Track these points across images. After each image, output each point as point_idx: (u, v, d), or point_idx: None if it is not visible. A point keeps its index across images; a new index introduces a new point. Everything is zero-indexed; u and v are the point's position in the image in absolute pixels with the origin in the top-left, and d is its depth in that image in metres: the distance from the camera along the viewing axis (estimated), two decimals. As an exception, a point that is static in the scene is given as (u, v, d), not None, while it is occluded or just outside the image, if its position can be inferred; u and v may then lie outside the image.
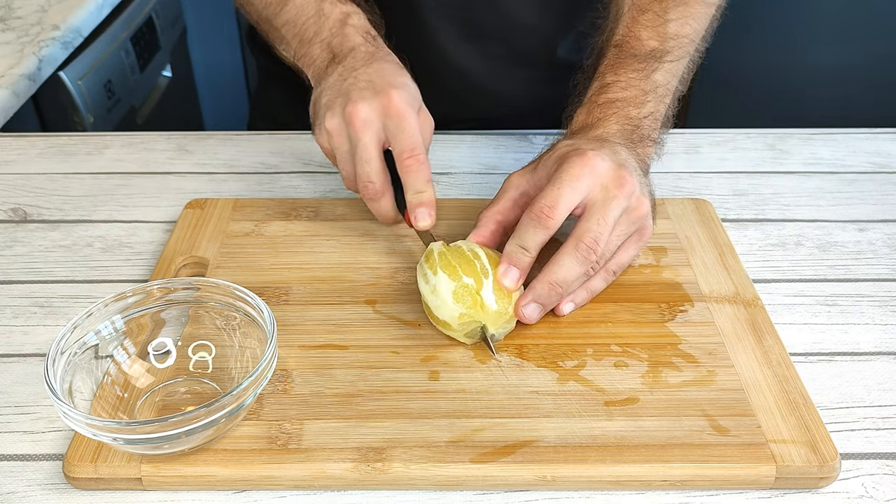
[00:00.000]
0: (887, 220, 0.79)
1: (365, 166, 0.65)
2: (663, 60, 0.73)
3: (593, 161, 0.61)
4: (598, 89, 0.72)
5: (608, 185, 0.61)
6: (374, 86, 0.66)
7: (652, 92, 0.71)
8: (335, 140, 0.67)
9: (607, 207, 0.61)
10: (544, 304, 0.62)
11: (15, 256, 0.74)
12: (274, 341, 0.54)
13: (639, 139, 0.69)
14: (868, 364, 0.63)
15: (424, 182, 0.65)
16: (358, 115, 0.64)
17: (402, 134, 0.64)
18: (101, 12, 1.31)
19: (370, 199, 0.67)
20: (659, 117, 0.71)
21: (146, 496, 0.53)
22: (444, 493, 0.54)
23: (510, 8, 0.88)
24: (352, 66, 0.68)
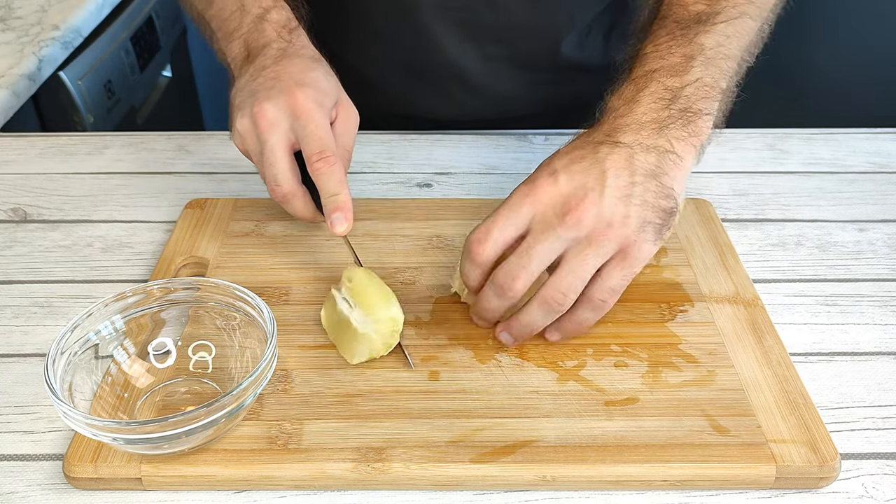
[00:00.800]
0: (887, 220, 0.79)
1: (270, 169, 0.63)
2: (712, 23, 0.65)
3: (539, 189, 0.57)
4: (636, 62, 0.65)
5: (549, 215, 0.56)
6: (280, 84, 0.63)
7: (699, 55, 0.63)
8: (247, 142, 0.64)
9: (536, 241, 0.56)
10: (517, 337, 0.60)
11: (15, 256, 0.74)
12: (274, 341, 0.54)
13: (677, 115, 0.60)
14: (868, 364, 0.63)
15: (337, 184, 0.62)
16: (264, 116, 0.62)
17: (309, 136, 0.62)
18: (101, 12, 1.31)
19: (280, 201, 0.65)
20: (710, 83, 0.62)
21: (146, 496, 0.53)
22: (444, 493, 0.54)
23: (511, 8, 0.88)
24: (262, 64, 0.66)
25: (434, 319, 0.64)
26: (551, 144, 0.90)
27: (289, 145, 0.64)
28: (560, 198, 0.56)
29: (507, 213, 0.57)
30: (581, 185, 0.56)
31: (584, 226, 0.56)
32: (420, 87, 0.94)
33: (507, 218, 0.57)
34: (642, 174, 0.58)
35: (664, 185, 0.58)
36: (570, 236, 0.56)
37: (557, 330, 0.61)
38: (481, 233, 0.58)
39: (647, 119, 0.60)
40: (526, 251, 0.56)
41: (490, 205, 0.77)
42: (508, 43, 0.91)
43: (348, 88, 0.70)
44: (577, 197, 0.56)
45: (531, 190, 0.57)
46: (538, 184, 0.57)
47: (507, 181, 0.84)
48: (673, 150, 0.59)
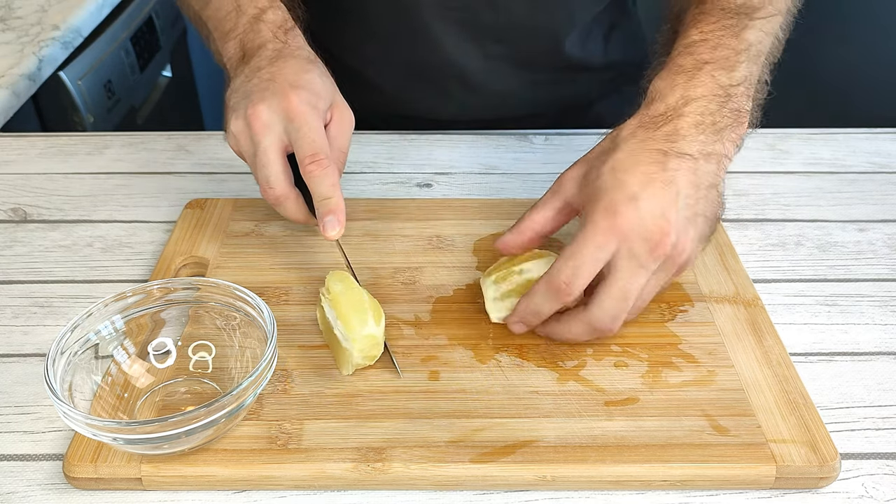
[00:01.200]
0: (887, 220, 0.79)
1: (263, 170, 0.63)
2: (755, 17, 0.65)
3: (622, 220, 0.55)
4: (683, 48, 0.63)
5: (636, 248, 0.55)
6: (275, 86, 0.63)
7: (745, 52, 0.62)
8: (241, 143, 0.64)
9: (630, 281, 0.56)
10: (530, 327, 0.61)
11: (15, 256, 0.74)
12: (274, 341, 0.54)
13: (730, 115, 0.60)
14: (868, 364, 0.63)
15: (330, 187, 0.61)
16: (257, 118, 0.62)
17: (302, 139, 0.62)
18: (101, 12, 1.31)
19: (272, 203, 0.65)
20: (754, 82, 0.63)
21: (146, 496, 0.53)
22: (444, 493, 0.54)
23: (511, 8, 0.88)
24: (257, 65, 0.66)
25: (434, 319, 0.64)
26: (551, 144, 0.90)
27: (282, 147, 0.63)
28: (645, 230, 0.55)
29: (594, 250, 0.56)
30: (661, 214, 0.56)
31: (666, 255, 0.56)
32: (419, 87, 0.94)
33: (595, 255, 0.56)
34: (706, 187, 0.58)
35: (720, 193, 0.60)
36: (654, 266, 0.56)
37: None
38: (567, 277, 0.56)
39: (706, 122, 0.59)
40: (623, 293, 0.56)
41: (490, 204, 0.77)
42: (508, 42, 0.91)
43: (347, 89, 0.70)
44: (661, 229, 0.56)
45: (615, 222, 0.56)
46: (620, 212, 0.56)
47: (507, 181, 0.84)
48: (727, 153, 0.60)
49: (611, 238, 0.56)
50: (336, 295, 0.59)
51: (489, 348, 0.62)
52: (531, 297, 0.59)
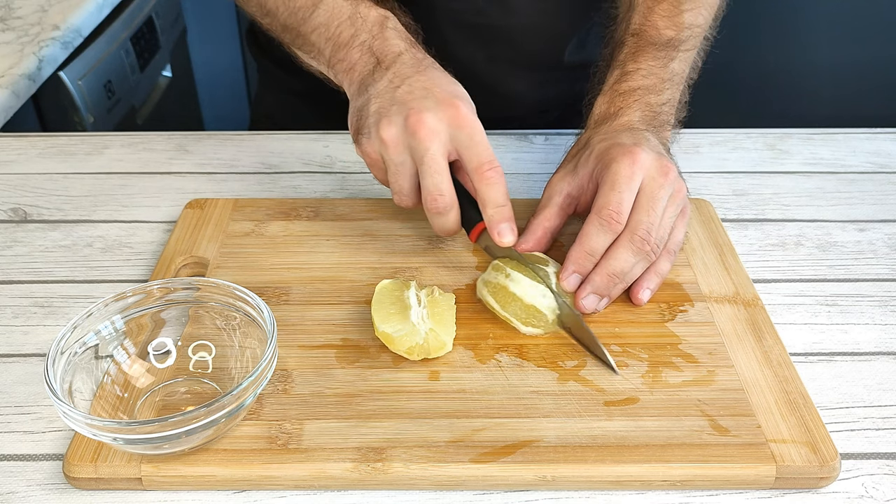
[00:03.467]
0: (887, 220, 0.79)
1: (435, 177, 0.62)
2: (679, 49, 0.75)
3: (640, 157, 0.63)
4: (618, 77, 0.73)
5: (654, 175, 0.63)
6: (435, 95, 0.63)
7: (669, 80, 0.73)
8: (391, 151, 0.63)
9: (655, 197, 0.63)
10: (602, 293, 0.64)
11: (15, 256, 0.74)
12: (274, 341, 0.54)
13: (659, 125, 0.71)
14: (868, 364, 0.63)
15: (504, 196, 0.63)
16: (424, 125, 0.61)
17: (477, 146, 0.62)
18: (101, 12, 1.31)
19: (438, 212, 0.64)
20: (675, 104, 0.75)
21: (146, 496, 0.53)
22: (444, 493, 0.54)
23: (518, 10, 0.88)
24: (402, 73, 0.65)
25: (434, 319, 0.64)
26: (551, 144, 0.90)
27: (447, 157, 0.63)
28: (656, 162, 0.64)
29: (627, 184, 0.62)
30: (658, 154, 0.65)
31: (673, 184, 0.64)
32: None
33: (629, 188, 0.62)
34: (667, 151, 0.69)
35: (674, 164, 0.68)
36: (668, 192, 0.64)
37: (648, 287, 0.65)
38: (615, 206, 0.62)
39: (643, 125, 0.71)
40: (653, 209, 0.63)
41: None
42: (513, 44, 0.91)
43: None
44: (663, 161, 0.64)
45: (634, 159, 0.63)
46: (636, 153, 0.63)
47: (508, 181, 0.84)
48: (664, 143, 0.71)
49: (637, 170, 0.63)
50: (443, 302, 0.64)
51: (489, 348, 0.62)
52: (583, 240, 0.63)
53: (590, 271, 0.63)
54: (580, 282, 0.64)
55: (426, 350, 0.60)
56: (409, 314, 0.61)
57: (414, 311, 0.61)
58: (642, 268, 0.64)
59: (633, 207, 0.63)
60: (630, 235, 0.62)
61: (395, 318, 0.60)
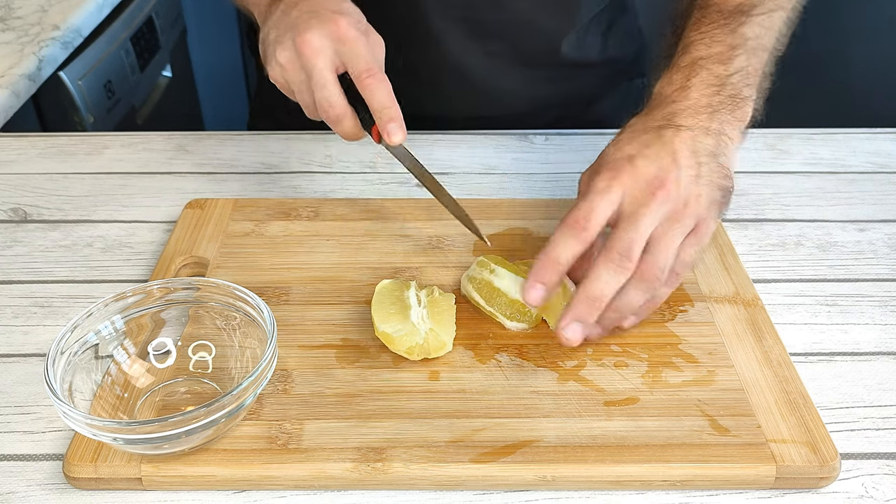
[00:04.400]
0: (887, 220, 0.79)
1: (322, 91, 0.65)
2: (752, 14, 0.68)
3: (622, 173, 0.59)
4: (682, 50, 0.67)
5: (638, 195, 0.58)
6: (319, 15, 0.66)
7: (741, 46, 0.66)
8: (289, 73, 0.67)
9: (638, 216, 0.58)
10: (584, 321, 0.57)
11: (15, 256, 0.74)
12: (274, 341, 0.54)
13: (727, 101, 0.63)
14: (868, 364, 0.63)
15: (388, 96, 0.65)
16: (308, 44, 0.65)
17: (357, 57, 0.65)
18: (101, 12, 1.31)
19: (331, 121, 0.67)
20: (752, 72, 0.66)
21: (146, 496, 0.53)
22: (444, 493, 0.54)
23: (514, 7, 0.88)
24: (292, 1, 0.69)
25: (434, 319, 0.64)
26: (551, 144, 0.90)
27: (335, 70, 0.66)
28: (644, 179, 0.59)
29: (602, 197, 0.58)
30: (660, 167, 0.59)
31: (671, 202, 0.58)
32: (420, 85, 0.94)
33: (603, 200, 0.58)
34: (706, 155, 0.61)
35: (723, 166, 0.62)
36: (662, 211, 0.58)
37: (635, 314, 0.62)
38: (582, 213, 0.58)
39: (701, 104, 0.63)
40: (634, 225, 0.58)
41: (490, 204, 0.77)
42: (509, 40, 0.91)
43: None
44: (660, 177, 0.58)
45: (616, 174, 0.59)
46: (619, 168, 0.59)
47: (508, 181, 0.84)
48: (725, 132, 0.63)
49: (615, 185, 0.59)
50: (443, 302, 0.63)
51: (489, 348, 0.62)
52: (548, 247, 0.58)
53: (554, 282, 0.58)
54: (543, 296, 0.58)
55: (426, 350, 0.60)
56: (409, 314, 0.61)
57: (414, 311, 0.61)
58: (641, 297, 0.58)
59: (614, 227, 0.58)
60: (608, 253, 0.57)
61: (395, 318, 0.60)
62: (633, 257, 0.57)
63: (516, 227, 0.75)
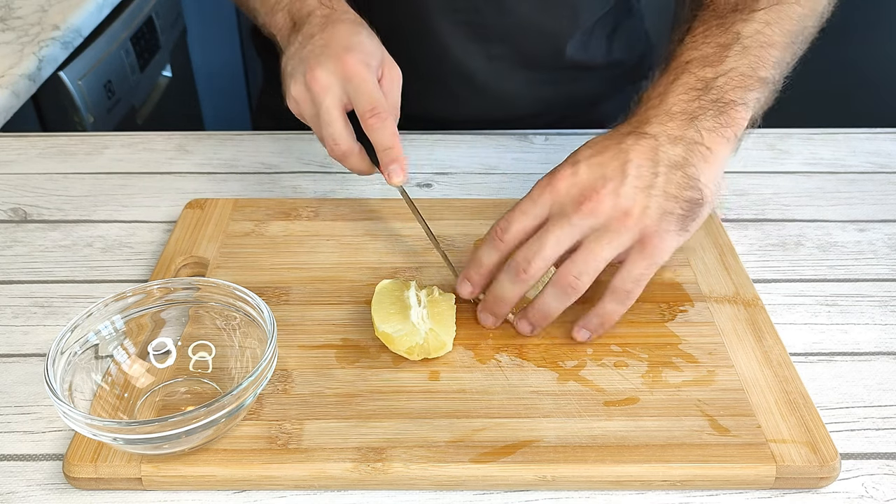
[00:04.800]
0: (887, 220, 0.79)
1: (328, 128, 0.66)
2: (751, 10, 0.65)
3: (556, 182, 0.58)
4: (672, 54, 0.65)
5: (565, 204, 0.58)
6: (329, 50, 0.66)
7: (734, 45, 0.63)
8: (301, 107, 0.68)
9: (552, 225, 0.58)
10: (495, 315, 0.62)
11: (15, 256, 0.74)
12: (274, 341, 0.54)
13: (709, 105, 0.60)
14: (868, 364, 0.63)
15: (390, 137, 0.65)
16: (317, 81, 0.65)
17: (361, 95, 0.65)
18: (101, 12, 1.31)
19: (339, 158, 0.68)
20: (746, 72, 0.62)
21: (146, 496, 0.53)
22: (444, 493, 0.54)
23: (517, 9, 0.88)
24: (309, 32, 0.69)
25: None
26: (551, 144, 0.90)
27: (342, 106, 0.66)
28: (577, 188, 0.58)
29: (528, 204, 0.60)
30: (601, 176, 0.58)
31: (601, 214, 0.57)
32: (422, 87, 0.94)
33: (528, 207, 0.60)
34: (666, 165, 0.58)
35: (689, 177, 0.59)
36: (585, 224, 0.57)
37: (584, 327, 0.61)
38: (502, 222, 0.60)
39: (677, 110, 0.61)
40: (540, 236, 0.58)
41: (490, 204, 0.77)
42: (513, 43, 0.91)
43: None
44: (595, 187, 0.57)
45: (550, 181, 0.59)
46: (558, 175, 0.59)
47: (508, 181, 0.84)
48: (702, 141, 0.60)
49: (544, 194, 0.59)
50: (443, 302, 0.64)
51: (489, 348, 0.62)
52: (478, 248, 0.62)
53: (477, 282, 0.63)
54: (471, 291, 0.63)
55: (426, 350, 0.60)
56: (409, 314, 0.61)
57: (414, 311, 0.61)
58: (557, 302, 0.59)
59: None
60: (510, 261, 0.60)
61: (395, 318, 0.60)
62: (529, 269, 0.58)
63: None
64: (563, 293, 0.59)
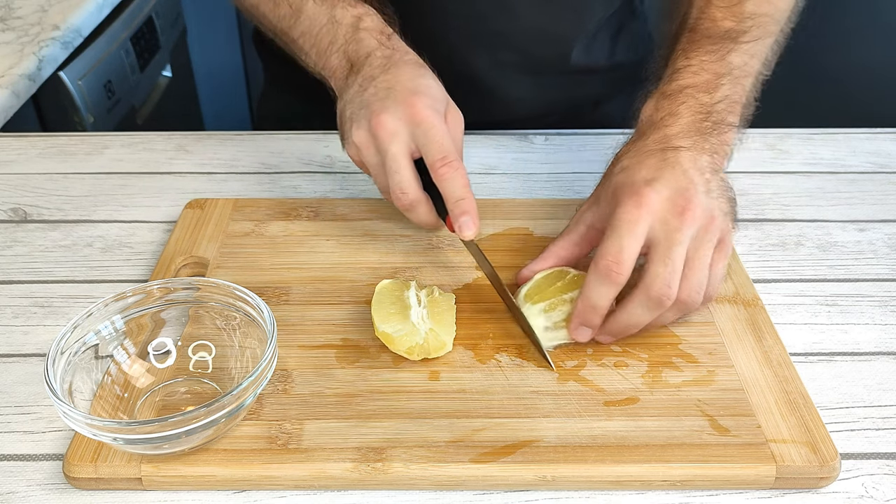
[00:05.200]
0: (887, 220, 0.79)
1: (395, 177, 0.64)
2: (740, 41, 0.69)
3: (647, 198, 0.58)
4: (668, 77, 0.68)
5: (668, 218, 0.58)
6: (395, 94, 0.64)
7: (727, 75, 0.67)
8: (364, 153, 0.65)
9: (671, 244, 0.58)
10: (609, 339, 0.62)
11: (15, 256, 0.74)
12: (274, 341, 0.54)
13: (711, 127, 0.65)
14: (868, 364, 0.63)
15: (462, 188, 0.63)
16: (383, 127, 0.63)
17: (431, 142, 0.63)
18: (101, 12, 1.31)
19: (405, 209, 0.66)
20: (737, 100, 0.67)
21: (146, 496, 0.53)
22: (444, 493, 0.54)
23: (523, 15, 0.88)
24: (370, 74, 0.67)
25: (434, 319, 0.64)
26: (551, 144, 0.90)
27: (409, 153, 0.64)
28: (670, 201, 0.59)
29: (629, 230, 0.58)
30: (678, 187, 0.59)
31: (698, 220, 0.59)
32: None
33: (632, 234, 0.58)
34: (709, 172, 0.62)
35: (724, 180, 0.63)
36: (691, 233, 0.58)
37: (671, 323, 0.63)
38: (611, 256, 0.58)
39: (693, 129, 0.64)
40: (669, 259, 0.57)
41: (490, 205, 0.77)
42: (518, 49, 0.91)
43: None
44: (684, 197, 0.59)
45: (640, 200, 0.58)
46: (642, 193, 0.59)
47: (507, 181, 0.84)
48: (717, 152, 0.64)
49: (643, 214, 0.58)
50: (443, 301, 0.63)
51: (489, 348, 0.62)
52: (585, 293, 0.59)
53: (597, 324, 0.60)
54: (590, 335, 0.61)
55: (426, 350, 0.60)
56: (409, 314, 0.61)
57: (414, 311, 0.61)
58: (676, 315, 0.61)
59: (648, 257, 0.59)
60: (646, 291, 0.58)
61: (395, 318, 0.60)
62: (671, 294, 0.58)
63: (516, 227, 0.75)
64: (686, 308, 0.60)
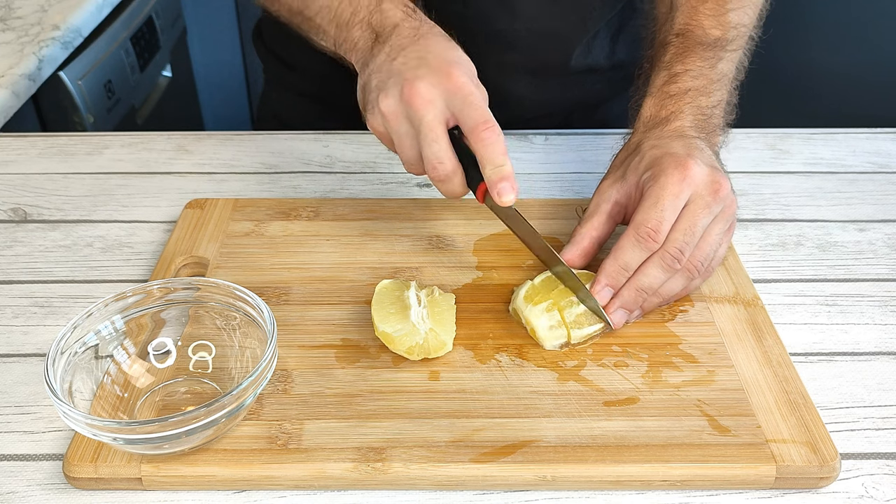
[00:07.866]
0: (887, 220, 0.79)
1: (433, 146, 0.62)
2: (726, 49, 0.74)
3: (691, 171, 0.62)
4: (667, 79, 0.72)
5: (703, 192, 0.62)
6: (429, 63, 0.63)
7: (718, 81, 0.72)
8: (392, 123, 0.63)
9: (698, 216, 0.62)
10: (630, 308, 0.63)
11: (15, 256, 0.74)
12: (274, 341, 0.54)
13: (710, 129, 0.70)
14: (868, 364, 0.63)
15: (502, 154, 0.62)
16: (418, 95, 0.61)
17: (471, 108, 0.62)
18: (101, 12, 1.31)
19: (440, 180, 0.64)
20: (724, 106, 0.73)
21: (146, 496, 0.53)
22: (444, 493, 0.54)
23: (527, 15, 0.88)
24: (399, 44, 0.65)
25: (434, 319, 0.64)
26: (551, 144, 0.90)
27: (445, 122, 0.63)
28: (708, 178, 0.63)
29: (672, 203, 0.62)
30: (712, 167, 0.64)
31: (723, 202, 0.63)
32: None
33: (674, 203, 0.62)
34: (717, 157, 0.68)
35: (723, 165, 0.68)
36: (716, 210, 0.63)
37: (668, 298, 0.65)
38: (654, 225, 0.61)
39: (698, 126, 0.70)
40: (693, 227, 0.62)
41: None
42: (521, 50, 0.91)
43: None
44: (717, 178, 0.63)
45: (685, 174, 0.62)
46: (688, 166, 0.62)
47: (507, 181, 0.84)
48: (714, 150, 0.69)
49: (685, 187, 0.62)
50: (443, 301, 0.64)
51: (489, 348, 0.62)
52: (617, 255, 0.62)
53: (621, 283, 0.63)
54: (612, 295, 0.63)
55: (426, 350, 0.60)
56: (409, 314, 0.61)
57: (414, 311, 0.61)
58: (681, 285, 0.64)
59: (673, 224, 0.62)
60: (662, 252, 0.61)
61: (395, 318, 0.60)
62: (683, 260, 0.62)
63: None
64: (691, 276, 0.64)
